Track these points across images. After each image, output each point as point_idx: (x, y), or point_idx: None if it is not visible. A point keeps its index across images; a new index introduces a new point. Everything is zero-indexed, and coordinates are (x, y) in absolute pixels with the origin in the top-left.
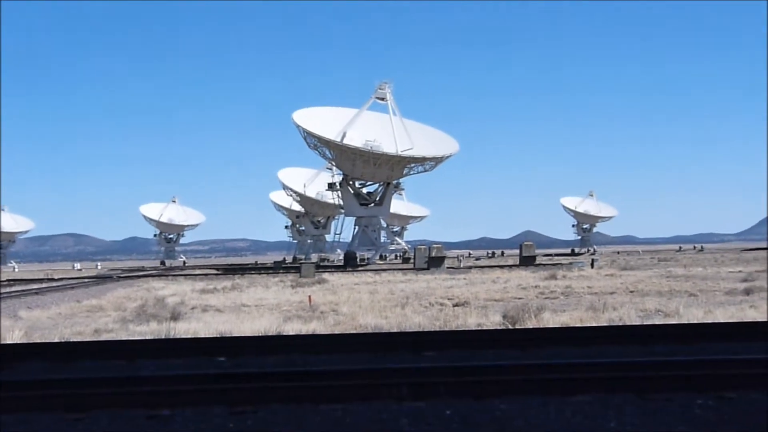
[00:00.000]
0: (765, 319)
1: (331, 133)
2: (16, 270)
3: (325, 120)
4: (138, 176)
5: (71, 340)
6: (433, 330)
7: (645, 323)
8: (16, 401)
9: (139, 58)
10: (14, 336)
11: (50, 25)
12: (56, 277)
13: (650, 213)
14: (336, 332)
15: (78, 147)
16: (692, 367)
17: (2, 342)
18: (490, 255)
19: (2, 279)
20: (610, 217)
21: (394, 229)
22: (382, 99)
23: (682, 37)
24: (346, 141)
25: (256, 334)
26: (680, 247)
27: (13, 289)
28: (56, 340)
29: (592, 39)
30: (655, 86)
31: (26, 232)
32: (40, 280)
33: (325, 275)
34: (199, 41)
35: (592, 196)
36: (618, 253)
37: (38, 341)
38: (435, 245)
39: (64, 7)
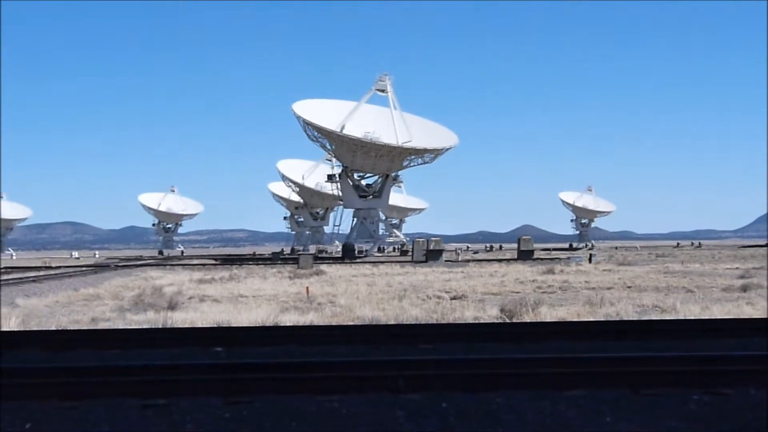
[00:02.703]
0: (762, 316)
1: (331, 125)
2: (14, 258)
3: (324, 112)
4: (137, 165)
5: (68, 329)
6: (430, 323)
7: (642, 318)
8: (12, 389)
9: (139, 48)
10: (11, 324)
11: (48, 15)
12: (54, 265)
13: (648, 209)
14: (333, 324)
15: (77, 135)
16: (688, 363)
17: None
18: (488, 249)
19: (0, 267)
20: (608, 212)
21: (393, 222)
22: (383, 91)
23: (680, 35)
24: (345, 132)
25: (253, 325)
26: (678, 243)
27: (11, 276)
28: (53, 328)
29: (592, 34)
30: (656, 82)
31: (24, 219)
32: (38, 268)
33: (323, 267)
34: (200, 31)
35: (590, 191)
36: (616, 248)
37: (35, 329)
38: (433, 238)
39: None
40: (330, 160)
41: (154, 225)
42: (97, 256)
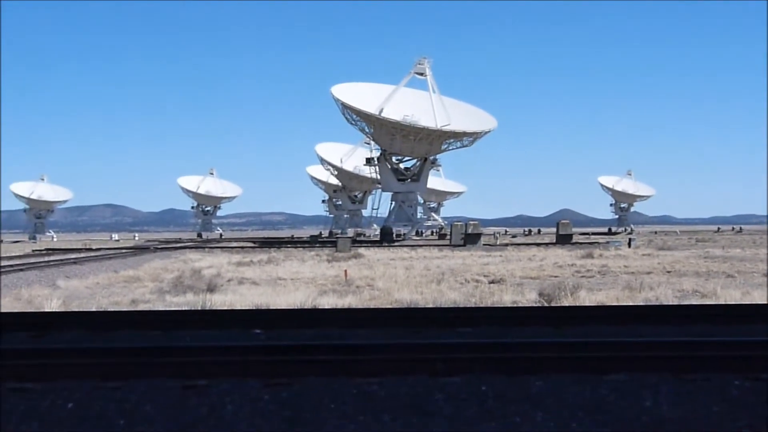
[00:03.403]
0: None
1: (370, 108)
2: (55, 240)
3: (363, 95)
4: (176, 148)
5: (108, 310)
6: (468, 306)
7: (682, 303)
8: (54, 369)
9: (179, 29)
10: (52, 305)
11: None
12: (94, 247)
13: (688, 193)
14: (371, 307)
15: (117, 118)
16: (729, 348)
17: (40, 310)
18: (526, 233)
19: (41, 249)
20: (647, 197)
21: (431, 205)
22: (421, 74)
23: (720, 19)
24: (384, 115)
25: (292, 307)
26: (719, 228)
27: (52, 258)
28: (93, 310)
29: (630, 17)
30: (694, 66)
31: (64, 202)
32: (78, 250)
33: (361, 250)
34: (239, 14)
35: (630, 175)
36: (655, 233)
37: (76, 310)
38: (471, 222)
39: None
40: (368, 144)
41: (193, 208)
42: (136, 238)
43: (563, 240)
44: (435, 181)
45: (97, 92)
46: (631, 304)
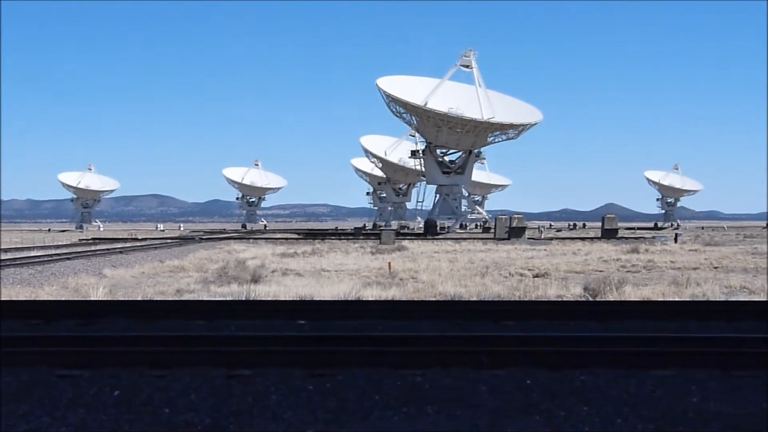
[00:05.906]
0: None
1: (415, 101)
2: (101, 229)
3: (408, 88)
4: (222, 139)
5: (154, 299)
6: (512, 300)
7: (729, 299)
8: (100, 356)
9: (227, 20)
10: (99, 293)
11: None
12: (140, 237)
13: (736, 188)
14: (415, 299)
15: (164, 108)
16: None
17: (87, 299)
18: (571, 227)
19: (88, 237)
20: (694, 191)
21: (475, 198)
22: (467, 66)
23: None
24: (429, 107)
25: (336, 299)
26: (767, 224)
27: (98, 247)
28: (139, 299)
29: (680, 11)
30: (742, 60)
31: (111, 191)
32: (124, 240)
33: (405, 242)
34: (287, 5)
35: (677, 169)
36: (702, 228)
37: (122, 299)
38: (516, 215)
39: None
40: (413, 136)
41: (237, 199)
42: (181, 228)
43: (609, 234)
44: (480, 174)
45: (145, 82)
46: (677, 299)
